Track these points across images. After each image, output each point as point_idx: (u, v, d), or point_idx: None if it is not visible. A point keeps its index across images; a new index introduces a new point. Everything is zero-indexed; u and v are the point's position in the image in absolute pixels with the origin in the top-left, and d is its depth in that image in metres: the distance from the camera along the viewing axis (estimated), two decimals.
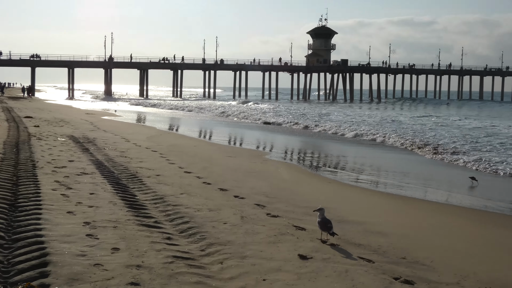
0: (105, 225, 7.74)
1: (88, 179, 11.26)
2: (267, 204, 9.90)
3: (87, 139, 19.42)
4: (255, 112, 48.27)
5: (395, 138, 25.78)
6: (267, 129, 33.62)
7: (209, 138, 26.92)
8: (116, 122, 32.68)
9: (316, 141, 26.50)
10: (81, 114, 39.57)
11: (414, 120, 40.70)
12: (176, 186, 11.09)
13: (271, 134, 30.07)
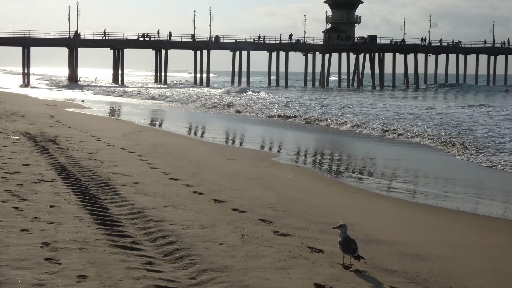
0: (69, 246, 7.74)
1: (47, 188, 11.26)
2: (274, 219, 9.89)
3: (46, 137, 19.45)
4: (252, 104, 48.22)
5: (435, 135, 25.73)
6: (275, 124, 33.64)
7: (201, 136, 26.94)
8: (84, 116, 32.75)
9: (336, 138, 26.50)
10: (40, 105, 39.67)
11: (464, 111, 40.61)
12: (160, 196, 11.08)
13: (280, 130, 30.09)
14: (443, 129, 27.93)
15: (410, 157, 20.69)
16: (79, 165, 14.14)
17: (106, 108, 44.39)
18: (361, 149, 23.16)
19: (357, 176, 16.40)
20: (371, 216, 10.98)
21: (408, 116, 36.63)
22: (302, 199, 12.05)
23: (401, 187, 14.69)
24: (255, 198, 11.54)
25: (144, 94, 65.51)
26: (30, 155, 15.26)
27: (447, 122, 31.63)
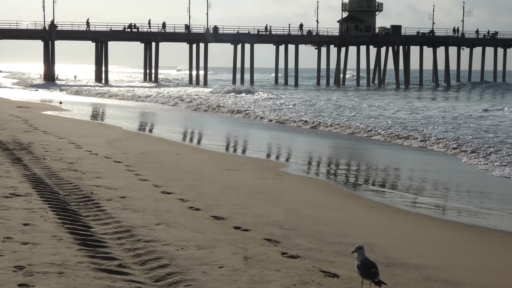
0: (46, 270, 7.80)
1: (20, 203, 11.33)
2: (282, 238, 9.94)
3: (19, 145, 19.54)
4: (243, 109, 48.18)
5: (464, 143, 25.73)
6: (284, 128, 33.70)
7: (198, 143, 27.01)
8: (62, 120, 32.87)
9: (353, 145, 26.54)
10: (11, 107, 39.79)
11: (506, 115, 40.50)
12: (150, 213, 11.15)
13: (290, 135, 30.14)
14: (476, 138, 27.89)
15: (438, 168, 20.72)
16: (57, 177, 14.21)
17: (88, 110, 44.53)
18: (381, 158, 23.21)
19: (377, 189, 16.43)
20: (393, 235, 11.02)
21: (439, 120, 36.63)
22: (314, 215, 12.10)
23: (428, 202, 14.72)
24: (260, 215, 11.59)
25: (131, 95, 65.61)
26: (0, 166, 15.32)
27: (483, 128, 31.61)
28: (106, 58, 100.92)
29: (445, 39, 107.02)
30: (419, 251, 9.98)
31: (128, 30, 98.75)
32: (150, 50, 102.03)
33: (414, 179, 18.16)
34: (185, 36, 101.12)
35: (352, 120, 35.64)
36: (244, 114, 42.39)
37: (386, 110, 43.63)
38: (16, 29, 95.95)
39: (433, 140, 27.24)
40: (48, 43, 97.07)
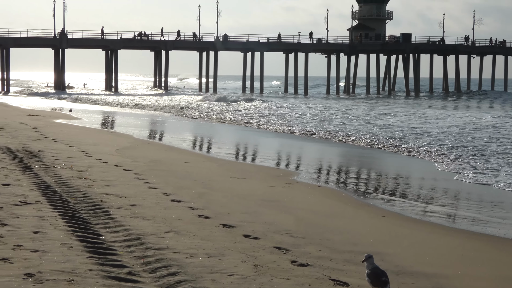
0: (56, 277, 7.83)
1: (31, 211, 11.38)
2: (291, 247, 9.95)
3: (29, 153, 19.61)
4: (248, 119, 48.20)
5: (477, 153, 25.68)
6: (293, 137, 33.67)
7: (208, 151, 27.05)
8: (72, 128, 32.97)
9: (364, 154, 26.50)
10: (21, 116, 39.94)
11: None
12: (160, 221, 11.17)
13: (299, 143, 30.11)
14: (487, 149, 27.85)
15: (448, 177, 20.66)
16: (67, 185, 14.26)
17: (98, 118, 44.65)
18: (392, 166, 23.16)
19: (387, 197, 16.43)
20: (404, 244, 11.01)
21: (451, 130, 36.58)
22: (324, 224, 12.10)
23: (438, 211, 14.69)
24: (270, 223, 11.60)
25: (143, 103, 65.79)
26: (11, 174, 15.40)
27: (495, 136, 31.57)
28: (116, 66, 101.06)
29: (455, 48, 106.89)
30: (430, 260, 9.97)
31: (138, 38, 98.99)
32: (160, 58, 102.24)
33: (424, 188, 18.13)
34: (195, 44, 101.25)
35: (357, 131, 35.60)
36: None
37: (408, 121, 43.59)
38: (26, 38, 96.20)
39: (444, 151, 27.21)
40: (59, 52, 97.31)
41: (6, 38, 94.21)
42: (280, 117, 44.23)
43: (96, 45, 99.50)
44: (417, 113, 50.15)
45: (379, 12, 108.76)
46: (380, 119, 43.26)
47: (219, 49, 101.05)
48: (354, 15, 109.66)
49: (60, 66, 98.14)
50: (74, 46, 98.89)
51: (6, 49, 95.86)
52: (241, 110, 52.06)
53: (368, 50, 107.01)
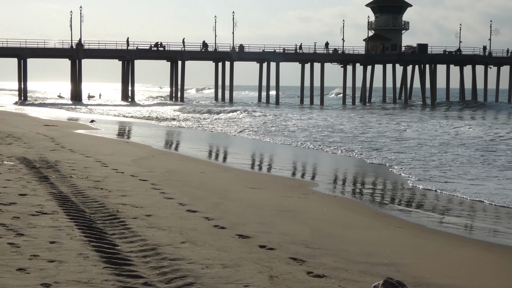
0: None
1: (47, 221, 11.42)
2: (307, 257, 9.94)
3: (46, 163, 19.71)
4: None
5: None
6: (308, 147, 33.63)
7: (223, 160, 27.07)
8: (89, 138, 33.10)
9: (380, 166, 26.45)
10: (38, 126, 40.15)
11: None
12: (175, 231, 11.19)
13: (314, 154, 30.06)
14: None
15: (468, 186, 20.56)
16: (83, 195, 14.32)
17: (114, 129, 44.80)
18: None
19: (403, 208, 16.38)
20: (420, 255, 10.97)
21: (471, 142, 36.42)
22: (340, 235, 12.08)
23: (455, 222, 14.65)
24: (285, 234, 11.59)
25: (161, 115, 65.98)
26: (28, 184, 15.48)
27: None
28: (132, 77, 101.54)
29: (471, 58, 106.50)
30: (446, 271, 9.93)
31: (154, 49, 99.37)
32: (176, 68, 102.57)
33: (440, 199, 18.05)
34: (211, 54, 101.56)
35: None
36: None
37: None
38: (44, 48, 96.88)
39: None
40: (75, 62, 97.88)
41: (24, 49, 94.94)
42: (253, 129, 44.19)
43: (112, 55, 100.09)
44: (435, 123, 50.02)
45: (395, 22, 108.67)
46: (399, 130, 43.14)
47: (235, 59, 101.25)
48: (370, 25, 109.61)
49: (76, 76, 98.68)
50: (91, 57, 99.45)
51: (24, 59, 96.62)
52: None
53: (384, 60, 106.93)
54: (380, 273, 9.27)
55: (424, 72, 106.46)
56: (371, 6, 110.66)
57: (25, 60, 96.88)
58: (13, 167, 18.32)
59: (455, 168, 24.20)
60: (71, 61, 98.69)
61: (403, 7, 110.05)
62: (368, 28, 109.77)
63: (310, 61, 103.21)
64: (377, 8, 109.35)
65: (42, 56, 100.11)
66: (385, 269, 9.54)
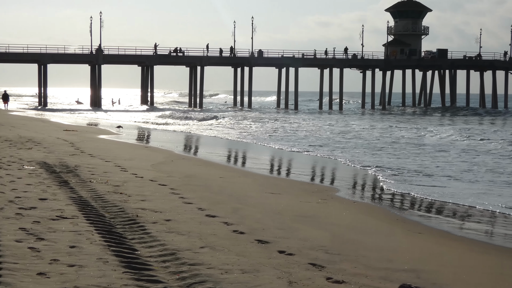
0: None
1: (67, 225, 11.47)
2: (327, 263, 9.91)
3: (66, 168, 19.80)
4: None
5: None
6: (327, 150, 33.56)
7: (242, 165, 27.08)
8: (108, 143, 33.23)
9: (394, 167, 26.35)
10: (58, 131, 40.36)
11: None
12: (195, 236, 11.20)
13: (335, 160, 30.02)
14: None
15: (487, 192, 20.46)
16: (103, 200, 14.37)
17: (134, 134, 44.97)
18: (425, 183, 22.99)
19: (424, 214, 16.31)
20: (441, 261, 10.91)
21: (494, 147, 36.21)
22: (359, 240, 12.04)
23: (476, 228, 14.57)
24: (305, 239, 11.57)
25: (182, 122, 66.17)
26: (48, 188, 15.56)
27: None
28: (152, 82, 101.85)
29: (492, 63, 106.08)
30: (467, 278, 9.87)
31: (173, 54, 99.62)
32: (195, 74, 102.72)
33: (460, 204, 17.95)
34: (230, 60, 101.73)
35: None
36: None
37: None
38: (64, 54, 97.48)
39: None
40: (95, 67, 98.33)
41: (44, 54, 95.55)
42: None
43: (132, 61, 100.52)
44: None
45: (415, 27, 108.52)
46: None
47: (254, 64, 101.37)
48: (389, 30, 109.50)
49: (96, 82, 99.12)
50: (111, 62, 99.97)
51: (44, 65, 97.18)
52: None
53: (404, 65, 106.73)
54: (400, 279, 9.24)
55: (443, 78, 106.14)
56: (390, 11, 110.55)
57: (45, 66, 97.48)
58: (33, 172, 18.44)
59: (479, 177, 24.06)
60: (90, 67, 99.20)
61: (422, 12, 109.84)
62: (388, 33, 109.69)
63: (329, 67, 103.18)
64: (396, 13, 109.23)
65: (62, 61, 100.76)
66: (405, 275, 9.50)
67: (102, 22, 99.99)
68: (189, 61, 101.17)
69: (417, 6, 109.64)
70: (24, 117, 60.32)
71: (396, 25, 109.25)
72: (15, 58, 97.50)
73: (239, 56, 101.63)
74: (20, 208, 12.77)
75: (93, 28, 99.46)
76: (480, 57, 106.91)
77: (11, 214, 12.12)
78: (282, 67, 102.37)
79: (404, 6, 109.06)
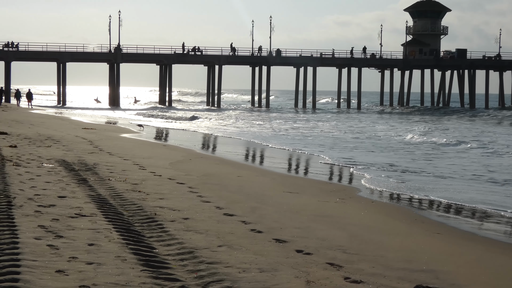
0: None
1: (86, 223, 11.52)
2: (345, 263, 9.89)
3: (84, 166, 19.89)
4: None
5: None
6: (344, 146, 33.47)
7: (260, 163, 27.07)
8: (127, 141, 33.34)
9: (412, 166, 26.25)
10: (77, 129, 40.54)
11: None
12: (212, 235, 11.21)
13: (352, 154, 29.94)
14: None
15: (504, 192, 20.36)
16: (121, 198, 14.42)
17: (152, 132, 45.10)
18: (442, 184, 22.88)
19: (442, 214, 16.26)
20: (459, 262, 10.86)
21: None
22: (378, 240, 12.01)
23: (495, 228, 14.51)
24: (323, 239, 11.56)
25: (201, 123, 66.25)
26: (67, 186, 15.64)
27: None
28: (170, 81, 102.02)
29: (511, 63, 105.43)
30: (486, 279, 9.82)
31: (191, 53, 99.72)
32: (213, 73, 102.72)
33: (482, 204, 17.85)
34: (248, 59, 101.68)
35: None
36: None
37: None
38: (82, 52, 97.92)
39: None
40: (113, 66, 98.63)
41: (63, 53, 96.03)
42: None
43: (150, 59, 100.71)
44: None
45: (434, 27, 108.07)
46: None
47: (272, 64, 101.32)
48: (408, 30, 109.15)
49: (115, 80, 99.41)
50: (129, 61, 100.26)
51: (63, 63, 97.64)
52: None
53: (423, 65, 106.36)
54: (418, 279, 9.20)
55: (462, 78, 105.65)
56: (409, 11, 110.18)
57: (64, 64, 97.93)
58: (52, 170, 18.53)
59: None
60: (109, 65, 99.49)
61: (442, 12, 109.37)
62: (406, 33, 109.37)
63: (347, 66, 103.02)
64: (415, 13, 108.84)
65: (81, 60, 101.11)
66: (423, 276, 9.46)
67: (121, 21, 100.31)
68: (207, 60, 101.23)
69: (436, 6, 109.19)
70: (43, 115, 60.62)
71: (415, 25, 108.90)
72: (34, 57, 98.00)
73: (258, 56, 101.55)
74: (39, 205, 12.85)
75: (112, 27, 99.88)
76: (500, 57, 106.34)
77: (30, 211, 12.19)
78: (300, 66, 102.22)
79: (423, 6, 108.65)
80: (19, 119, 47.42)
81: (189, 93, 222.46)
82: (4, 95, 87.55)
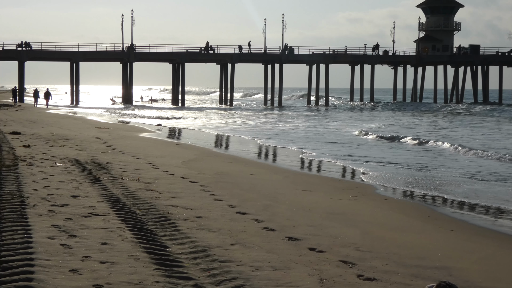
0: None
1: (99, 222, 11.56)
2: (357, 261, 9.88)
3: (97, 165, 19.95)
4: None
5: None
6: (357, 144, 33.40)
7: (273, 161, 27.07)
8: (139, 140, 33.43)
9: (423, 162, 26.19)
10: (90, 128, 40.67)
11: None
12: (225, 233, 11.22)
13: (364, 152, 29.88)
14: None
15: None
16: (134, 197, 14.45)
17: (165, 132, 45.18)
18: (458, 182, 22.81)
19: (456, 211, 16.21)
20: (473, 258, 10.83)
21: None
22: (391, 238, 11.99)
23: (509, 225, 14.46)
24: (335, 236, 11.55)
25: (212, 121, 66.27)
26: (80, 185, 15.69)
27: None
28: (183, 80, 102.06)
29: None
30: (499, 275, 9.79)
31: (204, 52, 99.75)
32: (226, 71, 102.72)
33: (495, 201, 17.79)
34: (261, 57, 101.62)
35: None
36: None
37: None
38: (96, 52, 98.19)
39: None
40: (126, 65, 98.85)
41: (76, 52, 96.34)
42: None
43: (163, 58, 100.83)
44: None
45: (447, 23, 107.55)
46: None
47: (285, 61, 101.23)
48: (421, 26, 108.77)
49: (128, 79, 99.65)
50: (142, 60, 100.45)
51: (76, 63, 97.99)
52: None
53: (436, 62, 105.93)
54: (432, 276, 9.18)
55: (476, 74, 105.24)
56: (422, 7, 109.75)
57: (77, 64, 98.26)
58: (65, 169, 18.60)
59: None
60: (122, 64, 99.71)
61: (454, 8, 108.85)
62: (419, 29, 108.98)
63: (360, 63, 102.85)
64: (428, 9, 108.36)
65: (94, 59, 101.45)
66: (437, 273, 9.44)
67: (134, 20, 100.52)
68: (219, 58, 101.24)
69: (449, 2, 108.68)
70: (57, 115, 60.85)
71: (427, 21, 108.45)
72: (47, 56, 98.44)
73: (270, 53, 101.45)
74: (53, 205, 12.90)
75: (124, 26, 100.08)
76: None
77: (43, 211, 12.25)
78: (313, 64, 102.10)
79: (436, 2, 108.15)
80: (32, 119, 47.65)
81: (191, 92, 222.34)
82: (18, 95, 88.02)
